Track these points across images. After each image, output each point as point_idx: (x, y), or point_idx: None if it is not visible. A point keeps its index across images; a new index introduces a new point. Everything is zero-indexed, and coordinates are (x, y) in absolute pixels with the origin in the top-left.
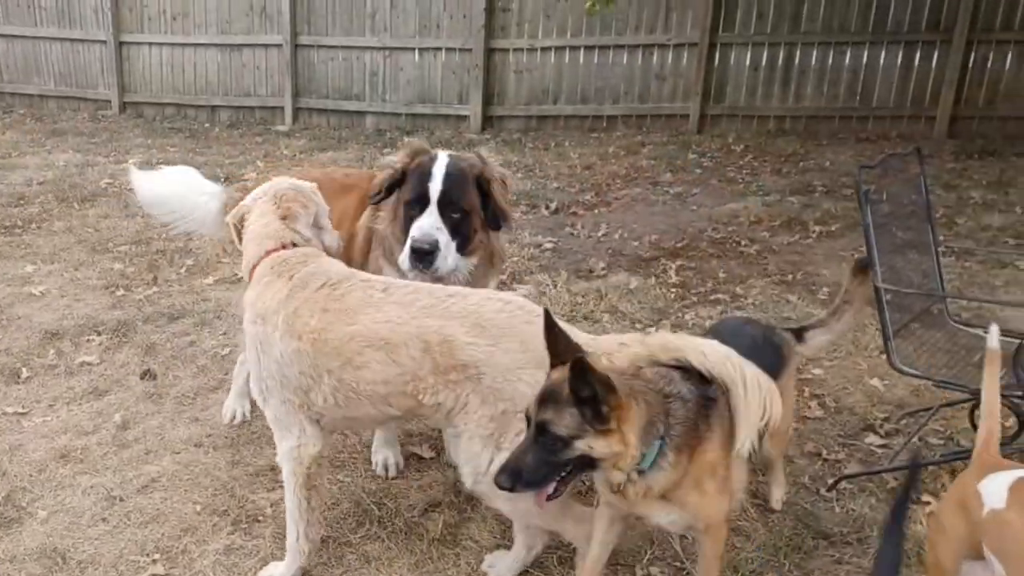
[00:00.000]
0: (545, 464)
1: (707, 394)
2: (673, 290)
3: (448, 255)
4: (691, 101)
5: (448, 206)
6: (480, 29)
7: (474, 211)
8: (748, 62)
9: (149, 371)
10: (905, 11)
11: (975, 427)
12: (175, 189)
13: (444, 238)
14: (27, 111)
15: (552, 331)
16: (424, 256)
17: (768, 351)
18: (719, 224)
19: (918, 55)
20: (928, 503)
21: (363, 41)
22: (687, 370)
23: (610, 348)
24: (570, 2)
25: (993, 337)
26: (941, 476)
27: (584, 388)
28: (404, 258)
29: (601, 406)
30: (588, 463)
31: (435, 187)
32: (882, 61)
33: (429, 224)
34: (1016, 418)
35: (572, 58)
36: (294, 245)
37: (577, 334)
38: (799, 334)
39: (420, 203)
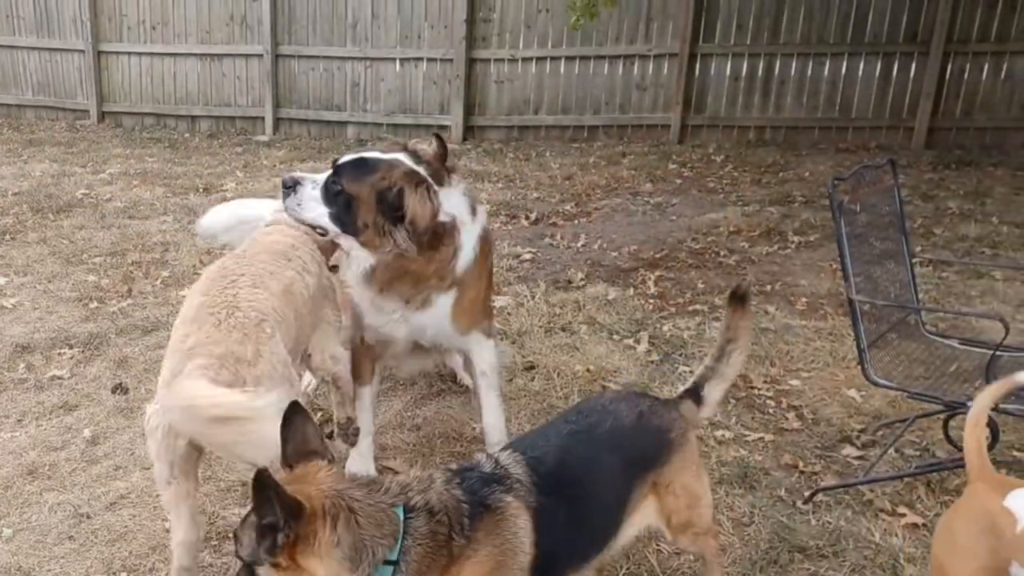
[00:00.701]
0: None
1: (484, 501)
2: (651, 301)
3: (303, 204)
4: (672, 111)
5: (335, 176)
6: (461, 39)
7: (359, 200)
8: (728, 72)
9: (121, 385)
10: (883, 23)
11: (949, 439)
12: (235, 211)
13: (311, 192)
14: (4, 121)
15: (289, 426)
16: (284, 188)
17: (645, 435)
18: (698, 234)
19: (896, 66)
20: (904, 515)
21: (344, 51)
22: (470, 469)
23: None
24: (551, 13)
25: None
26: (916, 488)
27: (265, 510)
28: None
29: (278, 534)
30: None
31: (340, 160)
32: (861, 72)
33: (309, 175)
34: (989, 430)
35: (553, 68)
36: None
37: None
38: (695, 396)
39: None
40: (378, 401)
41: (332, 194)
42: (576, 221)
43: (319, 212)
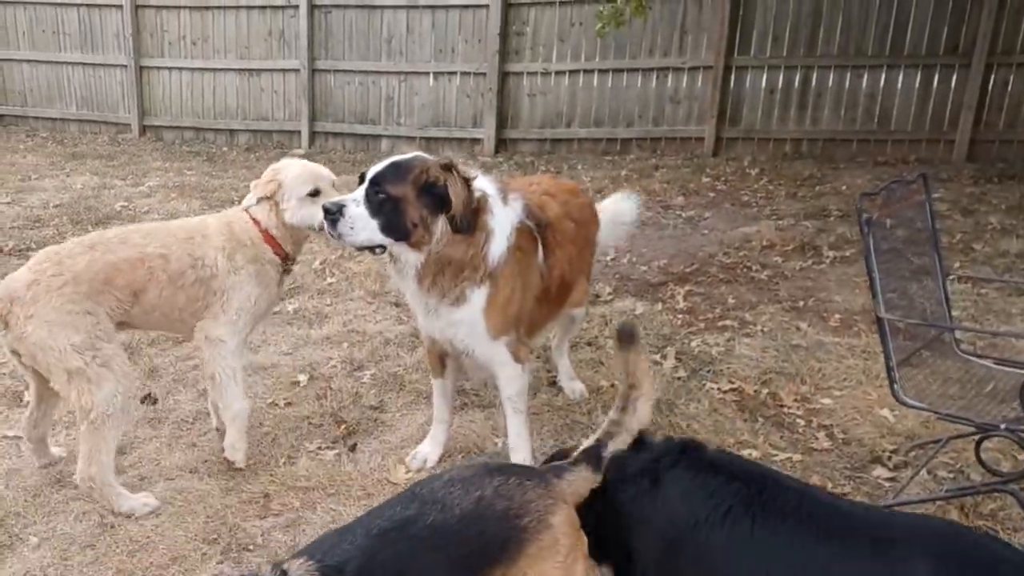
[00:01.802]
0: None
1: None
2: (680, 316)
3: (355, 225)
4: (706, 124)
5: (375, 185)
6: (495, 53)
7: (406, 200)
8: (764, 84)
9: (150, 395)
10: (923, 34)
11: (982, 461)
12: None
13: (356, 210)
14: (49, 134)
15: None
16: (327, 216)
17: (482, 526)
18: (730, 248)
19: (936, 78)
20: None
21: (379, 66)
22: None
23: None
24: (584, 26)
25: None
26: (949, 512)
27: None
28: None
29: None
30: None
31: (370, 172)
32: (900, 84)
33: (347, 196)
34: None
35: (586, 81)
36: None
37: None
38: (595, 459)
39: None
40: (400, 414)
41: (377, 204)
42: None
43: (370, 229)
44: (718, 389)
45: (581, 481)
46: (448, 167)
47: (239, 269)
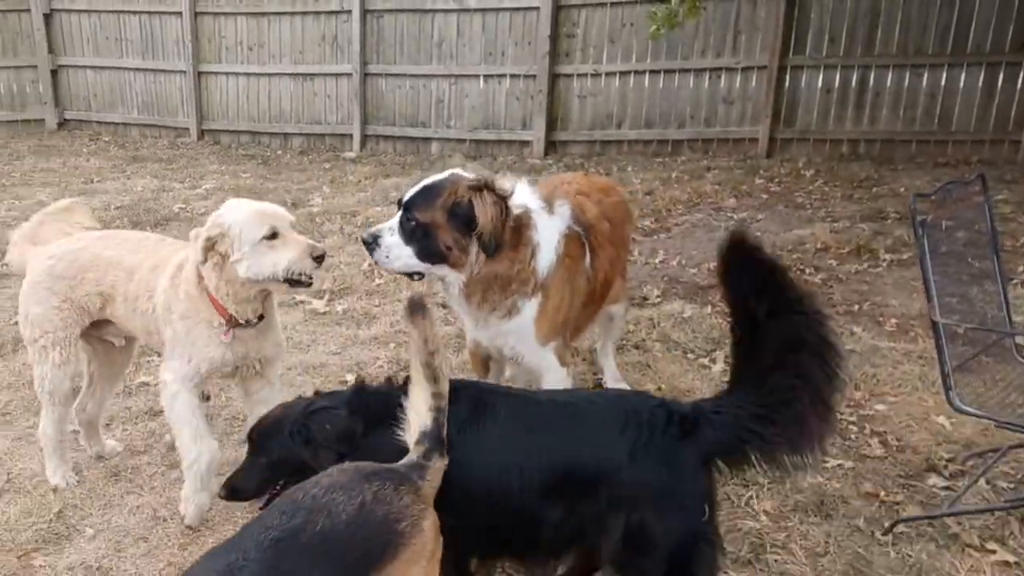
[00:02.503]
0: None
1: None
2: (729, 319)
3: (390, 254)
4: (760, 125)
5: (407, 212)
6: (545, 55)
7: (437, 225)
8: (820, 84)
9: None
10: (987, 32)
11: None
12: None
13: (391, 239)
14: (112, 138)
15: None
16: (365, 246)
17: (367, 531)
18: (783, 251)
19: (1001, 77)
20: (993, 551)
21: (429, 69)
22: None
23: None
24: (635, 27)
25: None
26: (1009, 523)
27: None
28: None
29: None
30: None
31: (405, 196)
32: (962, 83)
33: (383, 224)
34: None
35: (637, 83)
36: None
37: None
38: (439, 444)
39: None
40: None
41: (410, 231)
42: (655, 237)
43: (405, 256)
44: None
45: (438, 473)
46: (478, 187)
47: (173, 321)
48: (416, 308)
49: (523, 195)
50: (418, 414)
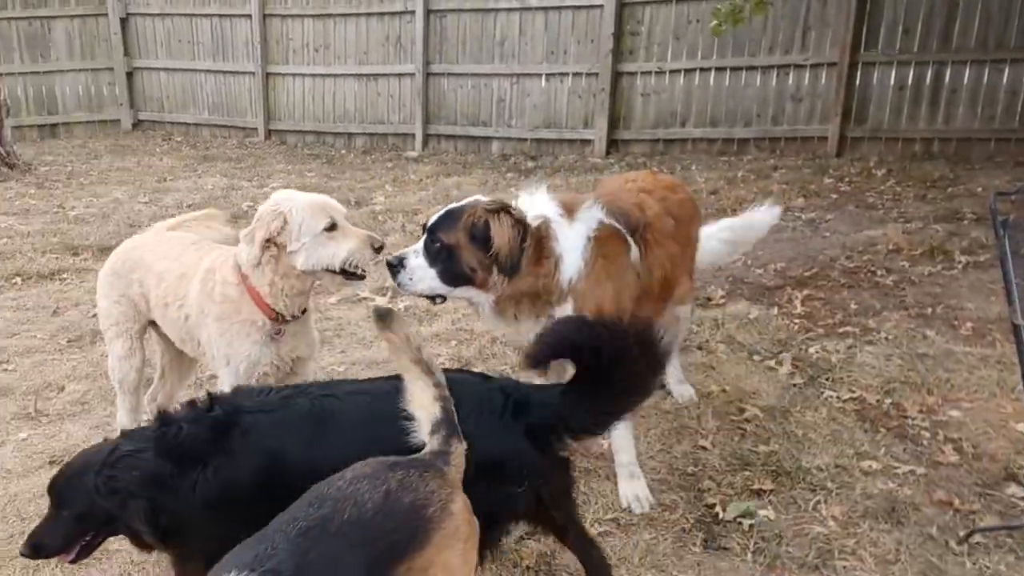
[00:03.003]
0: None
1: None
2: (797, 321)
3: (414, 276)
4: (829, 123)
5: (431, 235)
6: (608, 53)
7: (459, 247)
8: (893, 81)
9: None
10: None
11: None
12: None
13: (416, 261)
14: (183, 138)
15: None
16: (389, 269)
17: (395, 518)
18: (853, 252)
19: None
20: None
21: (491, 68)
22: None
23: None
24: (701, 23)
25: None
26: None
27: None
28: None
29: None
30: None
31: (429, 221)
32: None
33: (408, 248)
34: None
35: (702, 80)
36: None
37: None
38: (456, 430)
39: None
40: None
41: (434, 253)
42: None
43: (429, 278)
44: (837, 397)
45: (461, 458)
46: (495, 209)
47: (208, 324)
48: (385, 316)
49: (541, 205)
50: (425, 407)
